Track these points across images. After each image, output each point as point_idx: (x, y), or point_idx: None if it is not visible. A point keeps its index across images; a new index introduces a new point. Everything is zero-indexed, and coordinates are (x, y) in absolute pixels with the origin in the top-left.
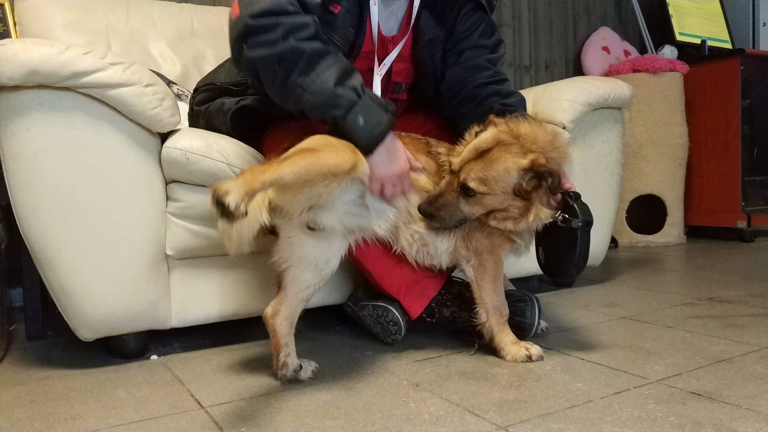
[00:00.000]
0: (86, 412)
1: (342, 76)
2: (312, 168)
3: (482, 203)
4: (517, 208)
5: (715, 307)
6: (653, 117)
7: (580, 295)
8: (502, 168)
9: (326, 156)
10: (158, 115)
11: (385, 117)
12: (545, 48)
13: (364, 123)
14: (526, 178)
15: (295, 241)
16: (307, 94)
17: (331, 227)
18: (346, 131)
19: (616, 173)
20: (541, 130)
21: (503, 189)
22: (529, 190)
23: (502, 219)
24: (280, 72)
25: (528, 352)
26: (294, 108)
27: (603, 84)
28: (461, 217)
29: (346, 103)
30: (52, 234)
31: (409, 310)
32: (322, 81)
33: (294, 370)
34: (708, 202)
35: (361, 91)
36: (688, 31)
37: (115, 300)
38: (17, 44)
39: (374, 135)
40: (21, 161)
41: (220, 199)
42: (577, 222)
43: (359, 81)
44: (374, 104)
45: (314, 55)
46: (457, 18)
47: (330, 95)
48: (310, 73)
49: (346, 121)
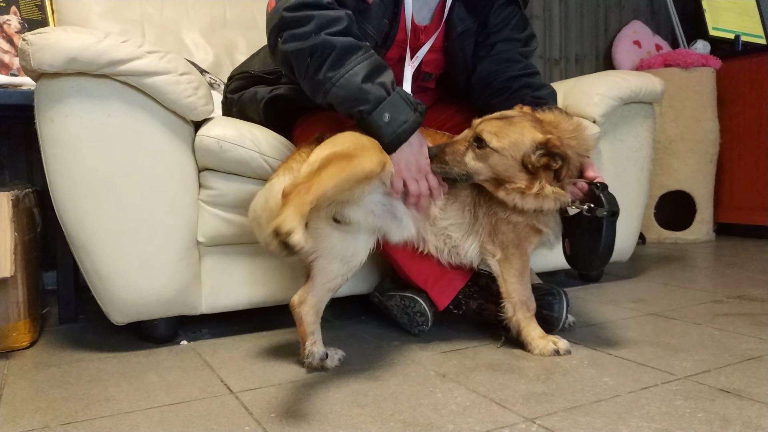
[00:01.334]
0: (119, 395)
1: (371, 72)
2: (351, 177)
3: (489, 161)
4: (523, 180)
5: (744, 305)
6: (684, 112)
7: (608, 290)
8: (518, 132)
9: (362, 162)
10: (192, 104)
11: (413, 116)
12: (576, 41)
13: (389, 120)
14: (536, 153)
15: (322, 233)
16: (335, 88)
17: (357, 222)
18: (371, 127)
19: (646, 168)
20: (564, 119)
21: (513, 153)
22: (537, 165)
23: (510, 191)
24: (311, 65)
25: (555, 346)
26: (323, 101)
27: (634, 78)
28: (464, 170)
29: (374, 99)
30: (88, 219)
31: (436, 301)
32: (350, 75)
33: (320, 359)
34: (738, 199)
35: (390, 88)
36: (722, 26)
37: (147, 285)
38: (58, 32)
39: (398, 133)
40: (59, 147)
41: (286, 242)
42: (603, 212)
43: (390, 78)
44: (403, 102)
45: (345, 50)
46: (491, 11)
47: (357, 90)
48: (339, 68)
49: (372, 117)
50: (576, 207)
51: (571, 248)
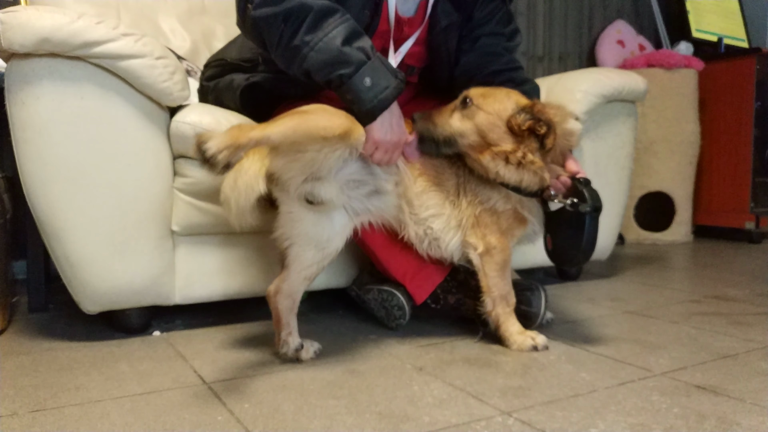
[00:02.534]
0: (89, 383)
1: (350, 35)
2: (299, 128)
3: (474, 120)
4: (508, 143)
5: (721, 305)
6: (666, 113)
7: (586, 288)
8: (505, 95)
9: (316, 118)
10: (168, 89)
11: (394, 82)
12: (559, 39)
13: (371, 85)
14: (522, 115)
15: (295, 217)
16: (314, 53)
17: (330, 200)
18: (350, 92)
19: (627, 167)
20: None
21: (498, 113)
22: (522, 128)
23: (495, 155)
24: (286, 31)
25: (534, 341)
26: (299, 71)
27: (618, 76)
28: (449, 133)
29: (355, 63)
30: (59, 204)
31: (414, 295)
32: (329, 38)
33: (295, 349)
34: (717, 202)
35: (371, 52)
36: (705, 28)
37: (119, 273)
38: (30, 11)
39: (380, 99)
40: (30, 130)
41: (201, 146)
42: (586, 207)
43: (369, 43)
44: (383, 68)
45: (322, 12)
46: (476, 5)
47: (337, 53)
48: (317, 31)
49: (353, 81)
50: (558, 202)
51: (553, 244)
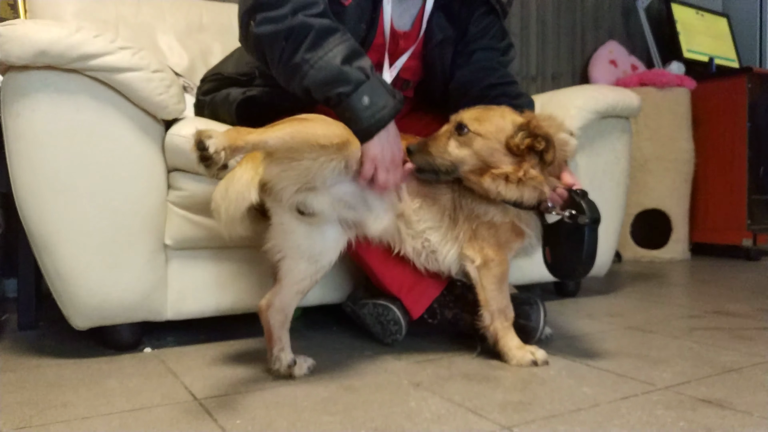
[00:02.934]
0: (77, 400)
1: (350, 54)
2: (297, 135)
3: (472, 146)
4: (508, 165)
5: (722, 320)
6: (660, 131)
7: (584, 305)
8: (500, 116)
9: (314, 126)
10: (164, 102)
11: (391, 102)
12: (552, 59)
13: (369, 104)
14: (521, 135)
15: (287, 228)
16: (313, 71)
17: (322, 212)
18: (349, 110)
19: (623, 183)
20: (540, 115)
21: (496, 137)
22: (522, 147)
23: (496, 177)
24: (287, 48)
25: (533, 356)
26: (299, 88)
27: (611, 92)
28: (448, 161)
29: (354, 82)
30: (51, 217)
31: (410, 309)
32: (329, 57)
33: (287, 365)
34: (713, 220)
35: (369, 72)
36: (696, 49)
37: (110, 288)
38: (28, 24)
39: (377, 118)
40: (24, 142)
41: (202, 142)
42: (585, 219)
43: (368, 63)
44: (382, 88)
45: (322, 31)
46: (470, 20)
47: (337, 72)
48: (317, 49)
49: (351, 100)
50: (556, 214)
51: (552, 257)
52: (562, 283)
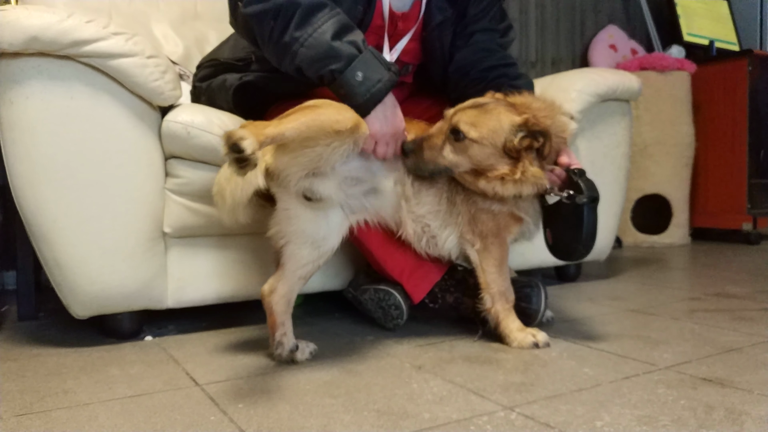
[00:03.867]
0: (78, 387)
1: (340, 29)
2: (313, 124)
3: (468, 152)
4: (505, 165)
5: (723, 302)
6: (660, 116)
7: (585, 289)
8: (495, 118)
9: (328, 112)
10: (159, 88)
11: (386, 75)
12: (552, 44)
13: (363, 79)
14: (517, 136)
15: (291, 214)
16: (304, 48)
17: (329, 197)
18: (343, 87)
19: (624, 167)
20: (535, 101)
21: (493, 141)
22: (519, 148)
23: (492, 179)
24: (276, 27)
25: (534, 338)
26: (291, 67)
27: (612, 75)
28: (443, 165)
29: (345, 57)
30: (48, 206)
31: (411, 293)
32: (319, 34)
33: (290, 350)
34: (713, 204)
35: (362, 46)
36: (696, 32)
37: (109, 276)
38: (19, 10)
39: (373, 92)
40: (18, 130)
41: (236, 144)
42: (582, 198)
43: (360, 37)
44: (376, 61)
45: (310, 8)
46: (470, 1)
47: (327, 48)
48: (306, 27)
49: (344, 76)
50: (555, 194)
51: (553, 238)
52: (562, 267)
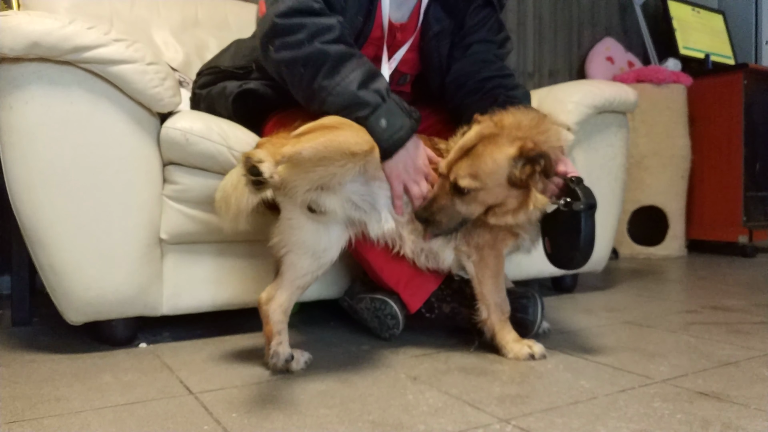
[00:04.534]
0: (71, 394)
1: (366, 78)
2: (331, 144)
3: (477, 200)
4: (514, 198)
5: (719, 315)
6: (656, 128)
7: (582, 300)
8: (491, 160)
9: (346, 134)
10: (159, 95)
11: (408, 123)
12: (549, 55)
13: (387, 126)
14: (518, 166)
15: (294, 224)
16: (332, 97)
17: (333, 211)
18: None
19: (620, 178)
20: (524, 116)
21: (497, 181)
22: (524, 178)
23: (502, 214)
24: (306, 74)
25: (530, 350)
26: (318, 109)
27: (608, 87)
28: (460, 218)
29: (371, 105)
30: (45, 210)
31: (408, 303)
32: (346, 84)
33: (285, 360)
34: (709, 216)
35: (385, 94)
36: (692, 45)
37: (105, 282)
38: (20, 16)
39: (395, 139)
40: (17, 134)
41: (255, 167)
42: (579, 205)
43: (384, 85)
44: (398, 109)
45: (339, 58)
46: (467, 12)
47: (354, 97)
48: (335, 76)
49: (369, 122)
50: (552, 203)
51: (552, 246)
52: (559, 278)
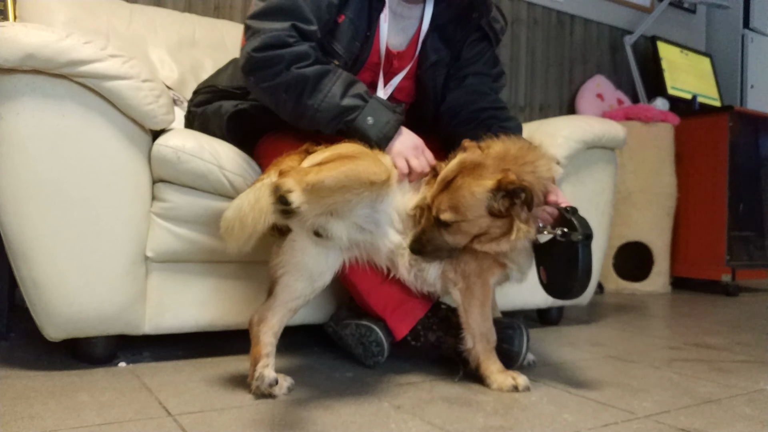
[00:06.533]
0: (45, 413)
1: (346, 87)
2: (351, 174)
3: (461, 231)
4: (498, 228)
5: (702, 352)
6: (644, 165)
7: (567, 333)
8: (469, 193)
9: (366, 164)
10: (153, 111)
11: (393, 116)
12: (541, 90)
13: (373, 122)
14: (497, 198)
15: (297, 246)
16: (320, 113)
17: (339, 237)
18: (357, 132)
19: (607, 213)
20: (513, 145)
21: (476, 213)
22: (503, 210)
23: (486, 241)
24: (289, 99)
25: (515, 381)
26: (309, 126)
27: (598, 123)
28: (449, 247)
29: (355, 109)
30: (30, 222)
31: (394, 329)
32: (329, 98)
33: (269, 384)
34: (694, 254)
35: (366, 96)
36: (680, 86)
37: (87, 298)
38: (18, 27)
39: (384, 132)
40: (7, 145)
41: (285, 197)
42: (577, 235)
43: (364, 88)
44: (381, 106)
45: (317, 77)
46: (464, 44)
47: (339, 108)
48: (317, 94)
49: (357, 122)
50: (548, 233)
51: (548, 276)
52: (545, 310)
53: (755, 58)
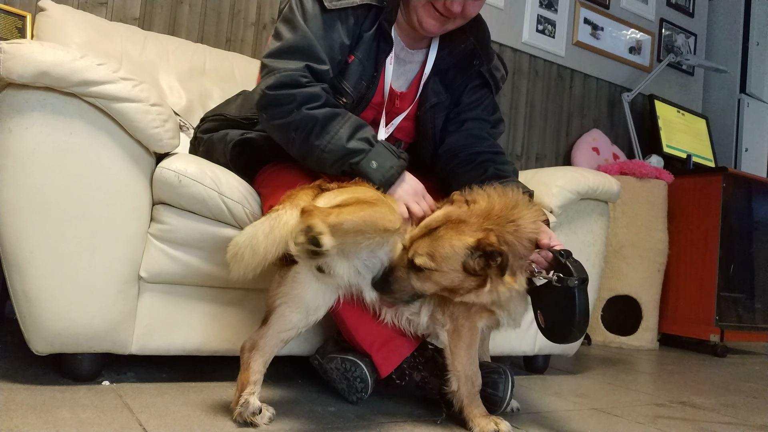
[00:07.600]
0: (24, 427)
1: (353, 131)
2: (369, 219)
3: (432, 279)
4: (471, 283)
5: (687, 411)
6: (636, 220)
7: (552, 382)
8: (448, 245)
9: (383, 211)
10: (158, 135)
11: (397, 162)
12: (538, 140)
13: (377, 167)
14: (474, 257)
15: (299, 279)
16: (326, 154)
17: (340, 276)
18: (361, 175)
19: (598, 265)
20: (500, 202)
21: (451, 267)
22: (478, 269)
23: (464, 293)
24: (297, 138)
25: (497, 427)
26: (315, 166)
27: (593, 176)
28: (413, 292)
29: (361, 152)
30: (28, 235)
31: (380, 366)
32: (336, 140)
33: (252, 412)
34: (683, 312)
35: (372, 140)
36: (675, 145)
37: (78, 314)
38: (34, 45)
39: (387, 177)
40: (12, 158)
41: (317, 239)
42: (573, 280)
43: (371, 133)
44: (386, 151)
45: (327, 120)
46: (464, 90)
47: (345, 150)
48: (325, 136)
49: (361, 166)
50: (543, 277)
51: (546, 321)
52: (531, 358)
53: (750, 121)
